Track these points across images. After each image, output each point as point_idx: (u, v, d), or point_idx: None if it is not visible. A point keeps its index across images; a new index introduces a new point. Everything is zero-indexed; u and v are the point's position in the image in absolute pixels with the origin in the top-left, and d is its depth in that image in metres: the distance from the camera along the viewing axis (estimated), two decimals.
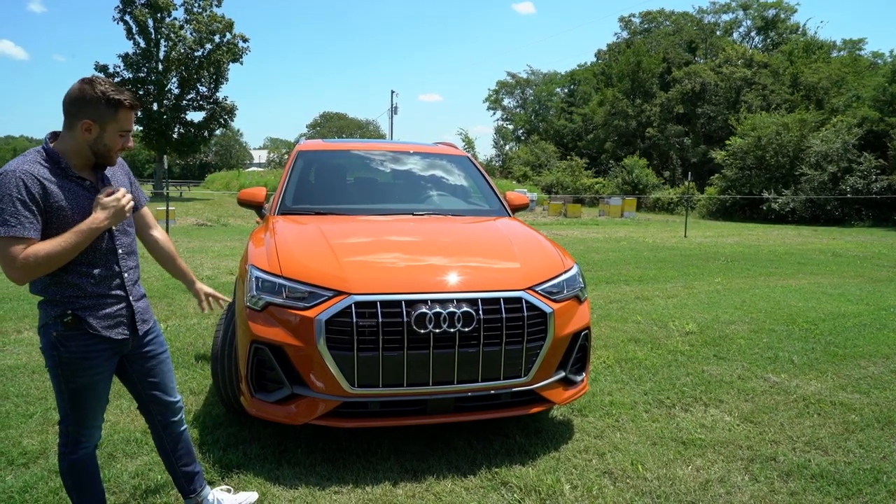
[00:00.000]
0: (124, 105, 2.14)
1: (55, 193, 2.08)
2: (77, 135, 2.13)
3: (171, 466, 2.62)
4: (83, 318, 2.18)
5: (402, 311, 3.00)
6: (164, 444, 2.58)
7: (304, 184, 4.65)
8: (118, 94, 2.12)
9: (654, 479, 3.11)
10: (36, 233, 2.03)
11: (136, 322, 2.34)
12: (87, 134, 2.12)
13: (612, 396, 4.21)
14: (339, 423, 3.10)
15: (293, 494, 2.91)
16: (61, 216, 2.09)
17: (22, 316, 6.13)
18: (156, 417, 2.53)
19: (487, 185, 4.94)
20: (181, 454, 2.60)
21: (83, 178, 2.19)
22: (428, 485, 3.02)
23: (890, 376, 4.76)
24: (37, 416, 3.68)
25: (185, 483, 2.64)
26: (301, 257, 3.33)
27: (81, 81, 2.11)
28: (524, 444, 3.45)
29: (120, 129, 2.17)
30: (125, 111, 2.16)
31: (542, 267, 3.47)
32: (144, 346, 2.42)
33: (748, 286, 8.86)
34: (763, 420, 3.88)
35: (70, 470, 2.35)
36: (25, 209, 2.01)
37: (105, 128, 2.14)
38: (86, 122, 2.10)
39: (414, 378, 3.05)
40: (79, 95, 2.10)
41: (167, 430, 2.56)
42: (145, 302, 2.43)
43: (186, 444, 2.62)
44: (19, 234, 1.99)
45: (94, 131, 2.12)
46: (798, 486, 3.06)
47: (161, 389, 2.49)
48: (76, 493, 2.39)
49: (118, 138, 2.19)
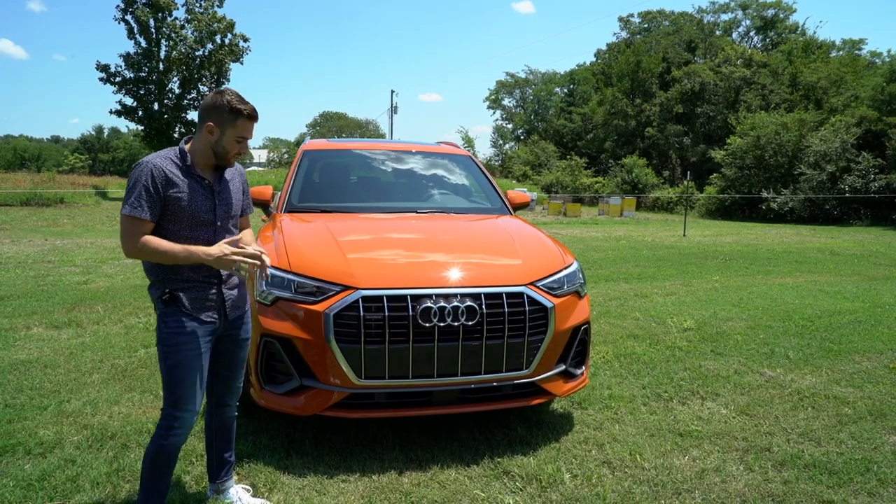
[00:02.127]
0: (243, 114, 2.43)
1: (176, 185, 2.39)
2: (203, 136, 2.44)
3: (210, 448, 2.80)
4: (178, 296, 2.43)
5: (407, 306, 3.10)
6: (212, 424, 2.77)
7: (309, 182, 4.74)
8: (240, 105, 2.42)
9: (652, 469, 3.21)
10: (154, 216, 2.36)
11: (226, 308, 2.56)
12: (210, 135, 2.43)
13: (611, 390, 4.31)
14: (347, 413, 3.19)
15: (302, 483, 3.01)
16: (177, 206, 2.39)
17: (31, 312, 6.22)
18: (214, 396, 2.72)
19: (489, 183, 5.04)
20: (223, 439, 2.79)
21: (203, 178, 2.47)
22: (432, 474, 3.12)
23: (883, 371, 4.86)
24: (51, 408, 3.78)
25: (216, 467, 2.80)
26: (309, 253, 3.42)
27: (215, 91, 2.47)
28: (526, 435, 3.55)
29: (237, 135, 2.45)
30: (244, 120, 2.44)
31: (543, 263, 3.57)
32: (233, 329, 2.63)
33: (746, 284, 8.96)
34: (758, 413, 3.98)
35: (155, 453, 2.46)
36: (148, 195, 2.33)
37: (225, 132, 2.43)
38: (209, 124, 2.41)
39: (419, 370, 3.15)
40: (209, 102, 2.44)
41: (219, 411, 2.75)
42: (238, 291, 2.64)
43: (229, 431, 2.80)
44: (139, 215, 2.32)
45: (215, 133, 2.43)
46: (791, 475, 3.16)
47: (231, 370, 2.70)
48: (150, 475, 2.48)
49: (235, 143, 2.47)
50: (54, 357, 4.74)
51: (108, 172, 62.52)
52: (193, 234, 2.44)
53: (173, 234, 2.40)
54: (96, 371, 4.46)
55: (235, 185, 2.62)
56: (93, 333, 5.51)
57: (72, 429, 3.51)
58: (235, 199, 2.60)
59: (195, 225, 2.44)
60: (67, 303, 6.70)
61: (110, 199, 25.55)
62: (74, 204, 23.17)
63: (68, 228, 15.76)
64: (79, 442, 3.34)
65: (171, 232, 2.40)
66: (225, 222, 2.54)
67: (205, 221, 2.47)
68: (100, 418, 3.65)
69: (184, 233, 2.42)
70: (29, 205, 21.88)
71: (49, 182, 26.97)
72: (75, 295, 7.16)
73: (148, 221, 2.34)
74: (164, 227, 2.39)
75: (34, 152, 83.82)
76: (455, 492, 2.96)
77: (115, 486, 2.93)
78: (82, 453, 3.21)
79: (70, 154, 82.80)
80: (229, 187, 2.58)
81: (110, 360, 4.71)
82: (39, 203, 22.27)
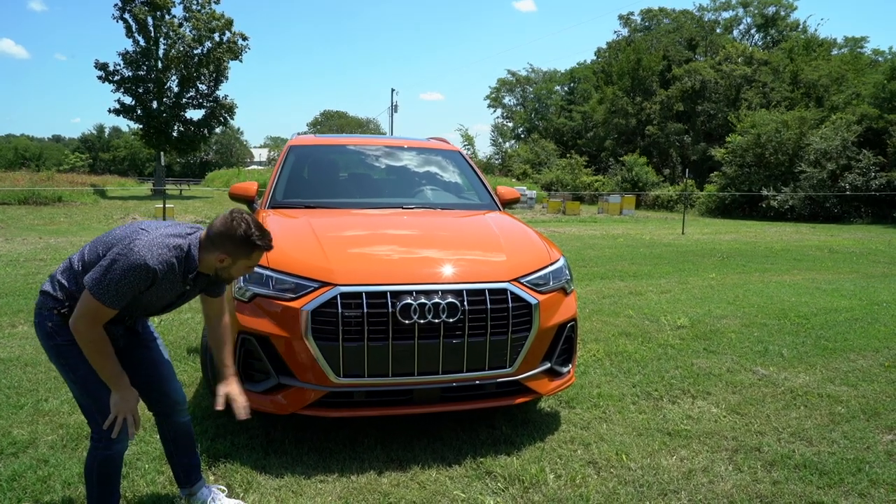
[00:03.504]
0: (259, 248, 2.29)
1: (163, 282, 2.24)
2: (210, 259, 2.29)
3: (171, 457, 2.70)
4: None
5: (387, 302, 3.03)
6: (167, 434, 2.66)
7: (294, 178, 4.67)
8: (260, 240, 2.26)
9: (638, 469, 3.14)
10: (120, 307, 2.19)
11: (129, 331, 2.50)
12: (220, 263, 2.30)
13: (600, 388, 4.23)
14: (326, 412, 3.12)
15: (279, 483, 2.94)
16: (145, 297, 2.26)
17: (17, 311, 6.16)
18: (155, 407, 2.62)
19: (478, 179, 4.96)
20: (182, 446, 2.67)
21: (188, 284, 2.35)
22: (413, 474, 3.04)
23: (878, 369, 4.79)
24: (27, 407, 3.71)
25: (182, 475, 2.71)
26: (288, 249, 3.35)
27: (232, 217, 2.24)
28: (510, 435, 3.47)
29: (248, 265, 2.35)
30: (258, 252, 2.31)
31: (528, 259, 3.49)
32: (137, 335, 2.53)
33: (742, 282, 8.88)
34: (749, 412, 3.90)
35: (101, 465, 2.35)
36: (131, 292, 2.17)
37: (237, 262, 2.31)
38: (222, 254, 2.28)
39: (399, 368, 3.08)
40: (226, 230, 2.24)
41: (168, 420, 2.63)
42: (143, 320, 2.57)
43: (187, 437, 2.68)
44: (114, 307, 2.16)
45: (225, 262, 2.30)
46: (781, 476, 3.08)
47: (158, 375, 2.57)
48: (98, 489, 2.38)
49: (243, 271, 2.37)
50: (36, 355, 4.67)
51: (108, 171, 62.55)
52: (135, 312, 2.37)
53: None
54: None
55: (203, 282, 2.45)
56: None
57: (47, 428, 3.44)
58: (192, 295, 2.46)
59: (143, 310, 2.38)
60: None
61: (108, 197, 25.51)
62: (73, 203, 23.13)
63: (64, 227, 15.70)
64: (53, 441, 3.27)
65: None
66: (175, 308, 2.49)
67: (153, 309, 2.39)
68: (76, 417, 3.57)
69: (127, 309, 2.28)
70: (27, 203, 21.83)
71: (48, 181, 26.93)
72: None
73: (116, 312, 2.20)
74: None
75: (35, 151, 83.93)
76: (435, 492, 2.89)
77: None
78: (56, 453, 3.15)
79: (71, 153, 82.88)
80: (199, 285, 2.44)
81: None
82: (37, 202, 22.22)
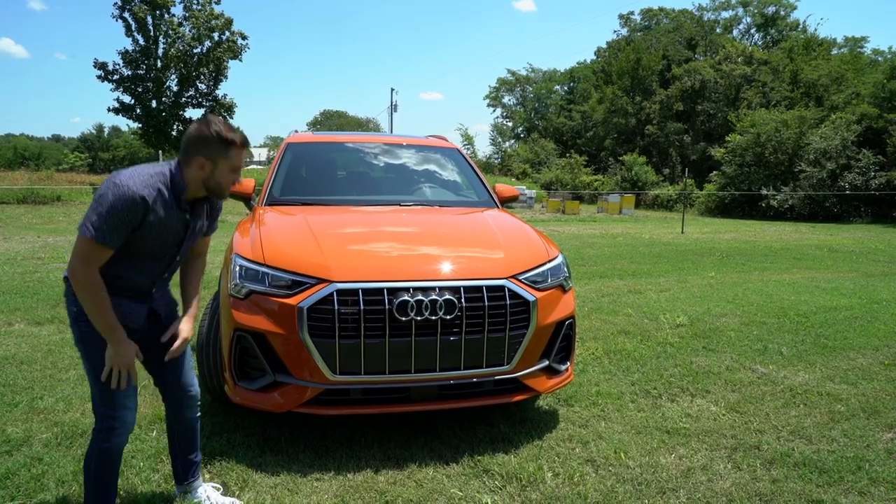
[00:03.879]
0: (236, 143, 2.26)
1: (154, 220, 2.20)
2: (192, 170, 2.26)
3: (173, 451, 2.71)
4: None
5: (384, 299, 3.01)
6: (173, 427, 2.66)
7: (292, 175, 4.65)
8: (231, 134, 2.25)
9: (637, 467, 3.12)
10: (116, 246, 2.16)
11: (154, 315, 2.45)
12: (201, 170, 2.26)
13: (598, 387, 4.21)
14: (322, 410, 3.10)
15: (274, 481, 2.91)
16: (145, 235, 2.21)
17: (14, 309, 6.13)
18: (169, 400, 2.63)
19: (476, 176, 4.94)
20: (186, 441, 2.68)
21: (186, 212, 2.33)
22: (410, 472, 3.02)
23: (878, 367, 4.76)
24: (22, 405, 3.68)
25: (181, 470, 2.71)
26: (284, 246, 3.33)
27: (198, 122, 2.26)
28: (508, 433, 3.45)
29: (231, 166, 2.29)
30: (236, 149, 2.28)
31: (526, 256, 3.47)
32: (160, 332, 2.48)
33: (741, 280, 8.86)
34: (749, 410, 3.88)
35: (99, 458, 2.33)
36: (122, 227, 2.13)
37: (217, 164, 2.26)
38: (200, 159, 2.24)
39: (396, 365, 3.06)
40: (196, 134, 2.24)
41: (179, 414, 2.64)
42: (165, 299, 2.51)
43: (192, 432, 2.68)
44: (104, 243, 2.12)
45: (207, 168, 2.26)
46: (780, 474, 3.06)
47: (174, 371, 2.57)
48: (95, 484, 2.35)
49: (230, 174, 2.31)
50: (32, 353, 4.65)
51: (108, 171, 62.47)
52: (147, 264, 2.31)
53: (124, 255, 2.22)
54: (73, 368, 4.37)
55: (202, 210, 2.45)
56: None
57: (42, 426, 3.41)
58: (200, 228, 2.46)
59: (153, 257, 2.31)
60: (52, 299, 6.61)
61: None
62: (72, 202, 23.07)
63: (63, 226, 15.67)
64: (47, 439, 3.25)
65: (123, 257, 2.21)
66: (184, 255, 2.44)
67: (165, 254, 2.34)
68: (72, 415, 3.56)
69: (136, 259, 2.26)
70: (26, 202, 21.78)
71: (47, 180, 26.88)
72: (61, 291, 6.99)
73: (111, 250, 2.16)
74: (116, 252, 2.19)
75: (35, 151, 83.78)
76: (432, 490, 2.87)
77: (81, 484, 2.80)
78: (50, 451, 3.12)
79: (70, 153, 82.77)
80: (202, 218, 2.43)
81: None
82: (36, 201, 22.16)
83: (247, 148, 2.35)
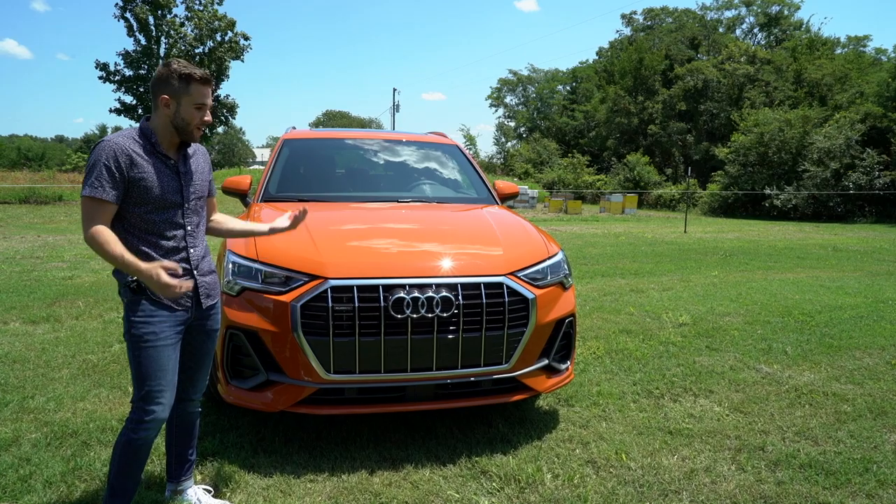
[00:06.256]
0: (194, 78, 2.29)
1: (141, 166, 2.27)
2: (160, 112, 2.32)
3: (170, 445, 2.67)
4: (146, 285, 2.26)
5: (379, 296, 2.94)
6: (173, 420, 2.62)
7: (288, 172, 4.58)
8: (187, 69, 2.30)
9: (639, 469, 3.04)
10: (117, 199, 2.24)
11: (199, 295, 2.45)
12: (167, 109, 2.30)
13: (600, 386, 4.13)
14: (316, 410, 3.03)
15: (267, 483, 2.85)
16: (142, 186, 2.27)
17: (10, 307, 6.08)
18: (178, 390, 2.55)
19: (476, 173, 4.87)
20: (185, 435, 2.66)
21: (168, 157, 2.36)
22: (405, 473, 2.95)
23: (885, 367, 4.68)
24: (13, 404, 3.62)
25: (176, 466, 2.67)
26: (278, 242, 3.25)
27: (161, 65, 2.34)
28: (507, 433, 3.38)
29: (194, 102, 2.31)
30: (197, 84, 2.31)
31: (525, 253, 3.40)
32: (204, 319, 2.51)
33: (745, 279, 8.77)
34: (753, 410, 3.80)
35: (125, 447, 2.34)
36: (110, 175, 2.22)
37: (180, 101, 2.30)
38: (164, 97, 2.29)
39: (391, 364, 2.99)
40: (157, 75, 2.32)
41: (182, 406, 2.59)
42: (212, 278, 2.54)
43: (192, 427, 2.68)
44: (100, 195, 2.20)
45: (171, 106, 2.30)
46: (785, 476, 2.99)
47: (197, 363, 2.56)
48: (118, 471, 2.37)
49: (194, 111, 2.33)
50: (25, 352, 4.60)
51: None
52: (161, 216, 2.34)
53: (140, 218, 2.29)
54: (66, 366, 4.31)
55: (199, 163, 2.51)
56: (69, 329, 5.36)
57: (31, 426, 3.35)
58: (201, 178, 2.49)
59: (162, 207, 2.34)
60: (49, 298, 6.56)
61: None
62: (73, 201, 23.05)
63: (63, 225, 15.63)
64: (36, 440, 3.18)
65: (137, 216, 2.29)
66: (192, 203, 2.44)
67: (172, 203, 2.36)
68: (62, 415, 3.49)
69: (151, 216, 2.31)
70: (27, 202, 21.81)
71: (48, 180, 26.90)
72: (58, 290, 7.01)
73: (110, 203, 2.22)
74: (130, 211, 2.28)
75: (38, 151, 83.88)
76: (428, 492, 2.80)
77: (70, 485, 2.78)
78: (39, 451, 3.06)
79: (73, 153, 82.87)
80: (193, 167, 2.46)
81: (82, 356, 4.56)
82: (38, 200, 22.19)
83: (209, 85, 2.37)
